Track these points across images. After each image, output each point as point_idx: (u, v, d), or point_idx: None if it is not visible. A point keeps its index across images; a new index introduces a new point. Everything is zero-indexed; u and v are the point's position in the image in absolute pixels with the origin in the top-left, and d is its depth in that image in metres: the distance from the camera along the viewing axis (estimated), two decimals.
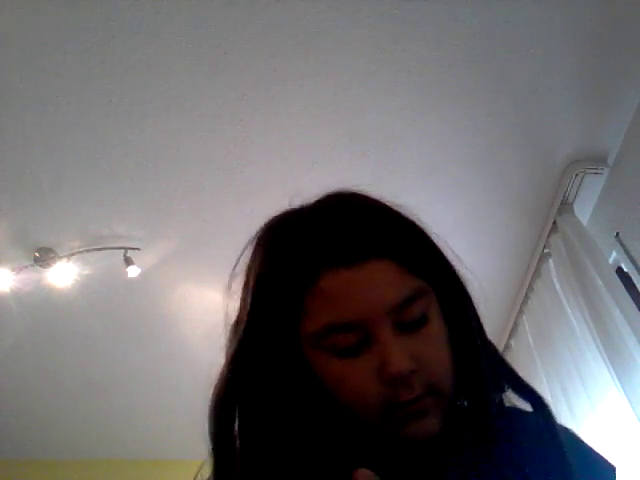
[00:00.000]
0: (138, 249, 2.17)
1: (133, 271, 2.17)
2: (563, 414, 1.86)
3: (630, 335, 1.51)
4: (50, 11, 1.43)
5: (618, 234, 1.82)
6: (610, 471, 0.58)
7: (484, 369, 0.54)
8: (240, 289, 0.58)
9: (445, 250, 0.56)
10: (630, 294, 1.62)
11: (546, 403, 0.58)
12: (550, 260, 2.04)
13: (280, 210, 0.61)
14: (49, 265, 2.16)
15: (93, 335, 2.58)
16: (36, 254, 2.15)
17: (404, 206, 0.57)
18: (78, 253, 2.13)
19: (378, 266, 0.50)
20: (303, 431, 0.51)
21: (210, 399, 0.56)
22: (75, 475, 3.35)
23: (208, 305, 2.46)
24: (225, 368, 0.55)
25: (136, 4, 1.43)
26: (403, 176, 1.92)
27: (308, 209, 0.58)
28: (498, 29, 1.52)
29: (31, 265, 2.15)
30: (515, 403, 0.60)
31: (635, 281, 1.71)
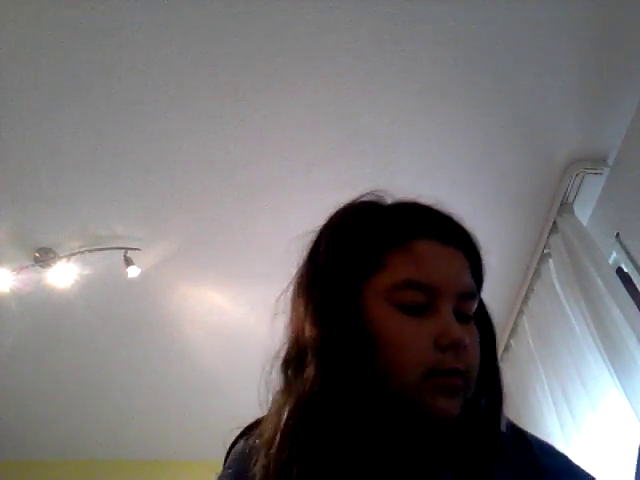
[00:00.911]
0: (138, 249, 2.17)
1: (133, 271, 2.17)
2: (563, 415, 1.86)
3: (630, 335, 1.50)
4: (50, 11, 1.43)
5: (618, 234, 1.81)
6: None
7: (502, 387, 0.60)
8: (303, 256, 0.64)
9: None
10: (630, 294, 1.62)
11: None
12: (550, 260, 2.04)
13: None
14: (49, 265, 2.16)
15: (93, 335, 2.59)
16: (36, 254, 2.15)
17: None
18: (78, 253, 2.13)
19: (461, 256, 0.60)
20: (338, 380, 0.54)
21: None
22: (75, 475, 3.35)
23: (208, 305, 2.46)
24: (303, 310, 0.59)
25: (136, 4, 1.43)
26: (403, 176, 1.92)
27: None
28: (498, 29, 1.52)
29: (31, 265, 2.15)
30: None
31: (635, 281, 1.71)
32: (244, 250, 2.21)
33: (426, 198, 0.64)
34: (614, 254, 1.86)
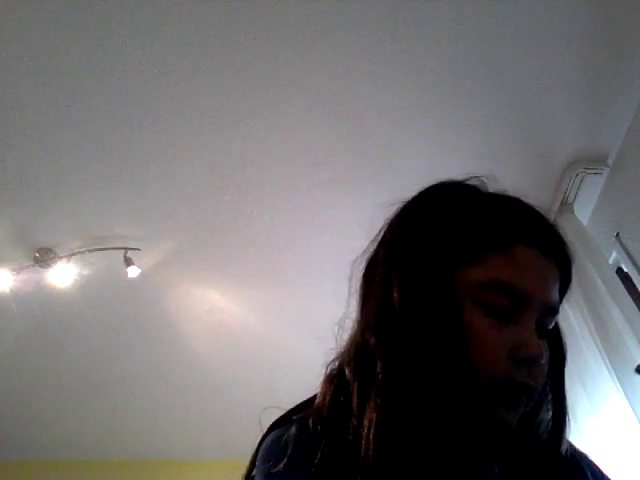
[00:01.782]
0: (138, 249, 2.17)
1: (133, 271, 2.17)
2: None
3: (630, 335, 1.50)
4: (50, 11, 1.43)
5: (618, 234, 1.81)
6: None
7: (567, 409, 0.59)
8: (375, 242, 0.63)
9: None
10: (630, 294, 1.62)
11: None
12: None
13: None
14: (49, 265, 2.16)
15: (93, 335, 2.59)
16: (36, 254, 2.15)
17: None
18: (78, 253, 2.13)
19: (555, 269, 0.58)
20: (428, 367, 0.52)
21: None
22: (75, 476, 3.35)
23: (208, 305, 2.46)
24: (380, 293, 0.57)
25: (137, 4, 1.43)
26: (403, 176, 1.92)
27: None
28: (498, 29, 1.52)
29: (31, 265, 2.15)
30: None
31: (635, 281, 1.71)
32: (244, 250, 2.21)
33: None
34: (614, 254, 1.86)
